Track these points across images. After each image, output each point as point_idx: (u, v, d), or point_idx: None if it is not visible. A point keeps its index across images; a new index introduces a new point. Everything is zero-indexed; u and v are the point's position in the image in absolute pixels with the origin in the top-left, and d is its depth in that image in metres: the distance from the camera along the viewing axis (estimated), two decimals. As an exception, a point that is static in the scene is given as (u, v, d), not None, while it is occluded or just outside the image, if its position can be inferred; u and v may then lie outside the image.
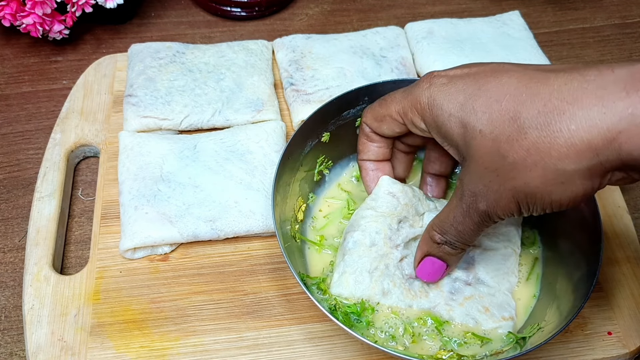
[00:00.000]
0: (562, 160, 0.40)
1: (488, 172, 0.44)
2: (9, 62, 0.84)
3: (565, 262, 0.57)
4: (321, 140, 0.63)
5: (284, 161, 0.58)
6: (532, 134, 0.41)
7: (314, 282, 0.57)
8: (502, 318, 0.55)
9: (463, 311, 0.55)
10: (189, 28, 0.89)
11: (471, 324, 0.55)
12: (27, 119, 0.78)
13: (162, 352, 0.57)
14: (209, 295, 0.61)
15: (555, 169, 0.41)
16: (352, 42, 0.81)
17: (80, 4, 0.78)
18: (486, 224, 0.48)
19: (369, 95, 0.62)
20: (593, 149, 0.39)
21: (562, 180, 0.41)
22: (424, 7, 0.93)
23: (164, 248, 0.63)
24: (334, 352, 0.57)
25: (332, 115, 0.62)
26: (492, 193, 0.45)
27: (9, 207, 0.70)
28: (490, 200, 0.45)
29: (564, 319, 0.50)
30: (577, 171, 0.40)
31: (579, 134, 0.39)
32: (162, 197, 0.64)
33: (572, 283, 0.54)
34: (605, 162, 0.39)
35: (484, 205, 0.46)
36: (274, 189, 0.55)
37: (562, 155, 0.40)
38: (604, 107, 0.38)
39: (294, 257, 0.56)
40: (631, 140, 0.38)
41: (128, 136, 0.69)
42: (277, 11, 0.91)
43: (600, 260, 0.52)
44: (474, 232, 0.49)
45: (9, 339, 0.60)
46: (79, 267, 0.64)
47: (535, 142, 0.41)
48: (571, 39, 0.90)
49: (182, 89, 0.74)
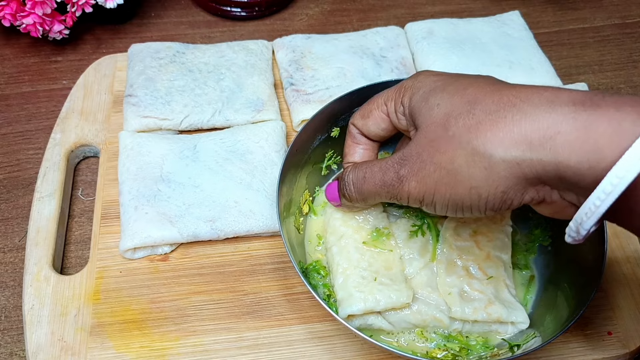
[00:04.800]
0: (493, 143, 0.40)
1: (426, 141, 0.45)
2: (9, 62, 0.84)
3: (566, 273, 0.57)
4: (331, 135, 0.63)
5: (292, 153, 0.58)
6: (479, 115, 0.42)
7: (312, 266, 0.58)
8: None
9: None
10: (189, 28, 0.89)
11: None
12: (27, 119, 0.78)
13: (162, 352, 0.57)
14: (209, 295, 0.61)
15: (484, 150, 0.41)
16: (352, 42, 0.81)
17: (80, 4, 0.78)
18: (390, 191, 0.48)
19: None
20: (528, 141, 0.39)
21: (487, 165, 0.41)
22: (424, 7, 0.93)
23: (164, 248, 0.63)
24: (334, 351, 0.57)
25: (343, 111, 0.62)
26: (418, 161, 0.45)
27: (9, 207, 0.70)
28: (414, 167, 0.45)
29: (561, 325, 0.50)
30: (505, 160, 0.40)
31: (520, 123, 0.40)
32: (162, 197, 0.64)
33: (572, 292, 0.54)
34: (538, 163, 0.39)
35: (405, 170, 0.46)
36: (280, 179, 0.56)
37: (496, 138, 0.40)
38: (551, 108, 0.39)
39: (294, 249, 0.56)
40: (569, 144, 0.38)
41: (128, 136, 0.69)
42: (277, 11, 0.91)
43: (602, 272, 0.51)
44: (373, 187, 0.49)
45: (9, 339, 0.60)
46: (79, 267, 0.64)
47: (478, 122, 0.42)
48: (571, 39, 0.90)
49: (182, 89, 0.74)
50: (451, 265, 0.56)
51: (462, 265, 0.56)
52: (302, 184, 0.61)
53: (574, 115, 0.38)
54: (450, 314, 0.54)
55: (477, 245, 0.57)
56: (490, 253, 0.57)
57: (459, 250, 0.57)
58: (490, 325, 0.55)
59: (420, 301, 0.55)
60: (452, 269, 0.56)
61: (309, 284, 0.51)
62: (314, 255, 0.60)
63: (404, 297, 0.53)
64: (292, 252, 0.53)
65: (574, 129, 0.38)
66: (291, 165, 0.58)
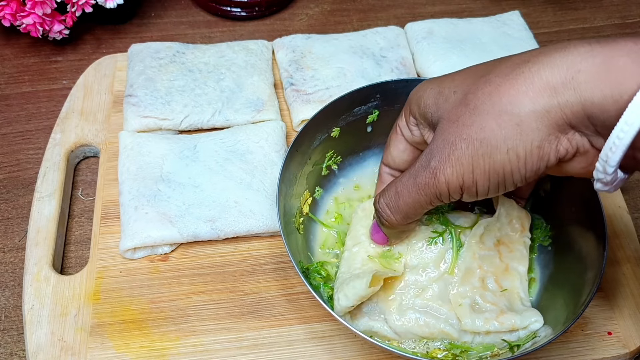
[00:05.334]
0: (519, 98, 0.40)
1: (450, 123, 0.44)
2: (9, 62, 0.84)
3: (566, 273, 0.56)
4: (331, 135, 0.63)
5: (292, 153, 0.58)
6: (496, 80, 0.42)
7: (313, 267, 0.57)
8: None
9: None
10: (189, 28, 0.89)
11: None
12: (27, 119, 0.77)
13: (162, 352, 0.57)
14: (209, 295, 0.61)
15: (511, 108, 0.40)
16: (352, 42, 0.81)
17: (80, 4, 0.78)
18: (427, 191, 0.45)
19: (381, 93, 0.62)
20: (551, 87, 0.39)
21: (517, 122, 0.40)
22: (424, 7, 0.93)
23: (164, 248, 0.63)
24: (335, 351, 0.57)
25: (343, 111, 0.62)
26: (447, 145, 0.43)
27: (9, 207, 0.70)
28: (444, 154, 0.43)
29: (562, 325, 0.50)
30: (534, 111, 0.39)
31: (539, 72, 0.39)
32: (162, 197, 0.64)
33: (572, 293, 0.54)
34: (565, 106, 0.39)
35: (435, 161, 0.44)
36: (280, 179, 0.55)
37: (520, 93, 0.40)
38: (567, 52, 0.39)
39: (297, 251, 0.56)
40: (591, 80, 0.37)
41: (128, 136, 0.69)
42: (277, 11, 0.91)
43: (602, 272, 0.51)
44: (410, 199, 0.46)
45: (9, 339, 0.60)
46: (79, 267, 0.64)
47: (498, 86, 0.41)
48: (571, 39, 0.90)
49: (182, 89, 0.74)
50: (468, 274, 0.54)
51: (480, 276, 0.54)
52: (303, 184, 0.61)
53: (592, 52, 0.38)
54: (460, 326, 0.53)
55: (500, 257, 0.56)
56: (509, 265, 0.56)
57: (480, 260, 0.55)
58: (502, 335, 0.53)
59: (429, 314, 0.53)
60: (468, 278, 0.54)
61: (310, 284, 0.51)
62: (321, 257, 0.60)
63: (366, 279, 0.51)
64: (292, 253, 0.53)
65: (594, 65, 0.37)
66: (291, 166, 0.58)
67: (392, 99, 0.62)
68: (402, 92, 0.61)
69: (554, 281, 0.58)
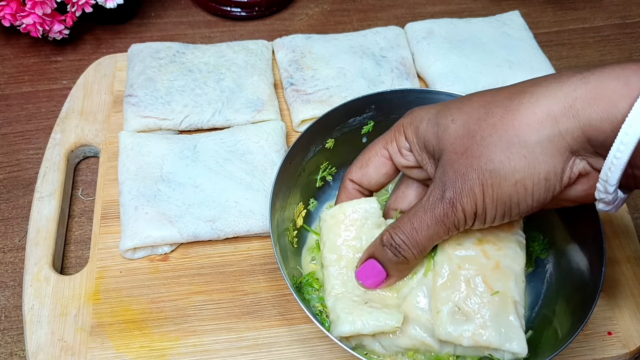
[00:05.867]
0: (523, 130, 0.42)
1: (457, 155, 0.45)
2: (9, 62, 0.84)
3: (564, 287, 0.55)
4: (325, 147, 0.62)
5: (285, 166, 0.57)
6: (498, 112, 0.44)
7: (305, 280, 0.56)
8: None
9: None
10: (189, 28, 0.89)
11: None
12: (27, 119, 0.78)
13: (162, 352, 0.57)
14: (209, 295, 0.61)
15: (518, 140, 0.42)
16: (352, 42, 0.81)
17: (80, 4, 0.78)
18: (446, 222, 0.46)
19: (376, 104, 0.61)
20: (552, 117, 0.41)
21: (525, 154, 0.42)
22: (424, 7, 0.93)
23: (164, 248, 0.63)
24: (334, 352, 0.57)
25: (338, 122, 0.61)
26: (459, 177, 0.45)
27: (9, 207, 0.70)
28: (457, 185, 0.45)
29: (561, 340, 0.49)
30: (539, 143, 0.41)
31: (539, 103, 0.42)
32: (162, 197, 0.64)
33: (570, 306, 0.53)
34: (566, 133, 0.41)
35: (451, 192, 0.45)
36: (273, 194, 0.54)
37: (523, 125, 0.42)
38: (560, 83, 0.42)
39: (288, 264, 0.55)
40: (588, 106, 0.40)
41: (128, 136, 0.69)
42: (277, 11, 0.91)
43: (600, 287, 0.50)
44: (429, 232, 0.47)
45: (9, 339, 0.60)
46: (79, 267, 0.64)
47: (501, 117, 0.43)
48: (571, 39, 0.90)
49: (182, 89, 0.74)
50: (451, 278, 0.50)
51: (465, 278, 0.50)
52: (297, 196, 0.60)
53: (584, 80, 0.41)
54: (434, 334, 0.49)
55: (485, 255, 0.51)
56: (500, 262, 0.51)
57: (459, 260, 0.51)
58: (483, 351, 0.49)
59: (410, 324, 0.51)
60: (452, 282, 0.50)
61: (302, 301, 0.50)
62: (307, 268, 0.59)
63: (394, 321, 0.49)
64: (285, 267, 0.52)
65: (588, 91, 0.40)
66: (285, 178, 0.57)
67: (387, 109, 0.61)
68: (398, 103, 0.60)
69: (551, 295, 0.56)
